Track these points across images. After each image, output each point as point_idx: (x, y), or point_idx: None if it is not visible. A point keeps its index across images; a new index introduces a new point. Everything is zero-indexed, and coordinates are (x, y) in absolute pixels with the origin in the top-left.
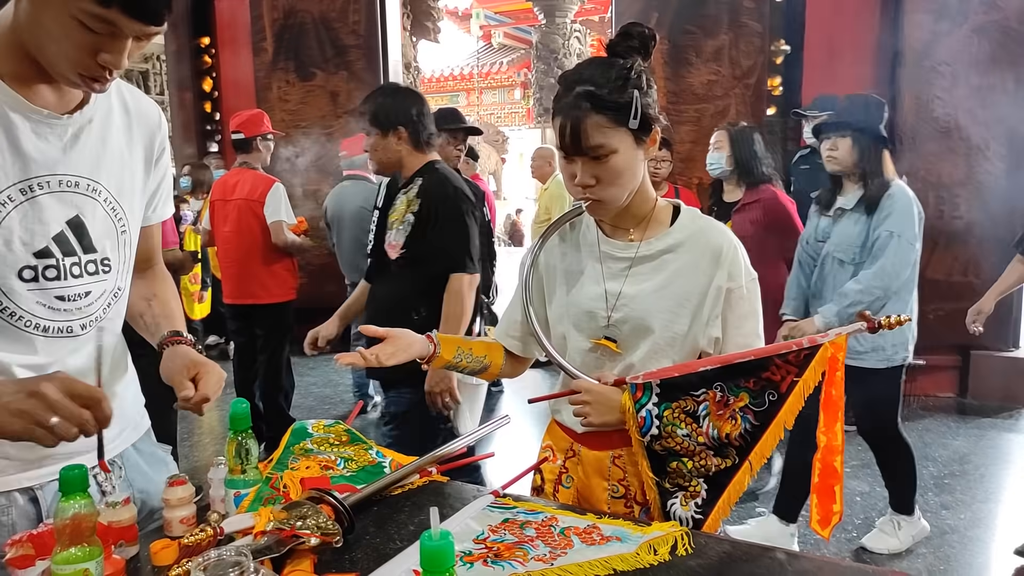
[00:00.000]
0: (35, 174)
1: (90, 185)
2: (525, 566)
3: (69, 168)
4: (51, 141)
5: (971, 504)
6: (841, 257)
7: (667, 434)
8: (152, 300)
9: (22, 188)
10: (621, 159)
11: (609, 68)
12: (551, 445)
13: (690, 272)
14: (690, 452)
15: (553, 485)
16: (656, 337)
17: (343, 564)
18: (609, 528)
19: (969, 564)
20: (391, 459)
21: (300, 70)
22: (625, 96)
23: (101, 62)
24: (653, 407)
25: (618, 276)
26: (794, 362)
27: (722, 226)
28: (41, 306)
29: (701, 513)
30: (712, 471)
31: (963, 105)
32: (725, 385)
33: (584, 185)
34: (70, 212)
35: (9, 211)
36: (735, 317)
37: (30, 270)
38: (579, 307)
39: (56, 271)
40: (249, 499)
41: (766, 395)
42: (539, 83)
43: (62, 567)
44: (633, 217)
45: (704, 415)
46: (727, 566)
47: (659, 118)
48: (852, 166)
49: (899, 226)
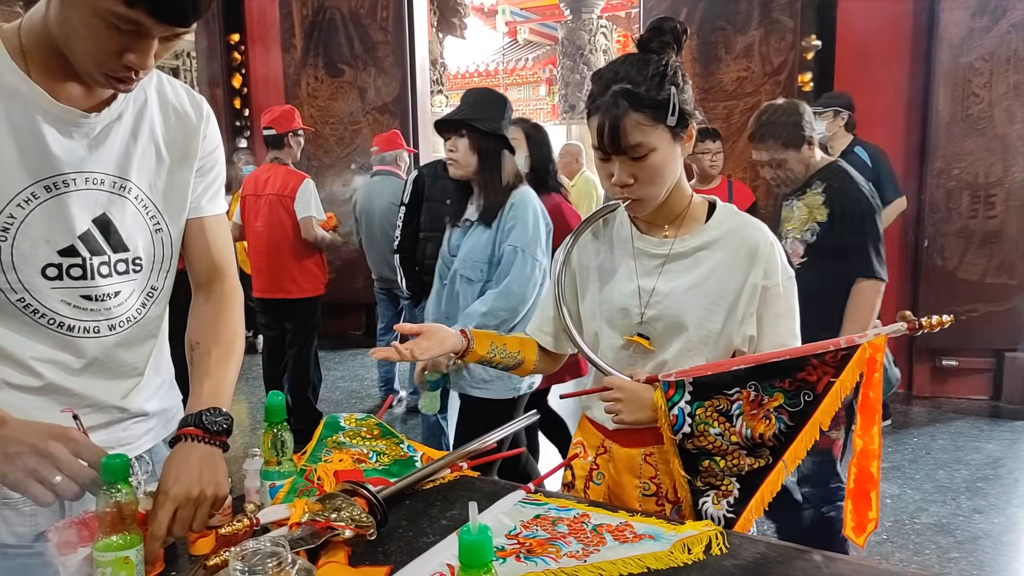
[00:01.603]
0: (60, 171)
1: (117, 183)
2: (558, 562)
3: (96, 166)
4: (76, 139)
5: (1005, 509)
6: (468, 275)
7: (699, 433)
8: (195, 348)
9: (47, 185)
10: (660, 157)
11: (645, 65)
12: (582, 441)
13: (725, 269)
14: (722, 451)
15: (584, 481)
16: (690, 335)
17: (376, 556)
18: (642, 526)
19: (1004, 570)
20: (422, 453)
21: (329, 66)
22: (663, 93)
23: (127, 62)
24: (686, 405)
25: (652, 273)
26: (831, 363)
27: (759, 223)
28: (66, 305)
29: (733, 512)
30: (745, 471)
31: (1000, 103)
32: (759, 385)
33: (622, 184)
34: (96, 210)
35: (33, 208)
36: (771, 316)
37: (54, 268)
38: (612, 304)
39: (82, 270)
40: (284, 490)
41: (801, 395)
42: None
43: (103, 554)
44: (668, 214)
45: (738, 414)
46: (762, 567)
47: (695, 113)
48: (474, 171)
49: (522, 240)
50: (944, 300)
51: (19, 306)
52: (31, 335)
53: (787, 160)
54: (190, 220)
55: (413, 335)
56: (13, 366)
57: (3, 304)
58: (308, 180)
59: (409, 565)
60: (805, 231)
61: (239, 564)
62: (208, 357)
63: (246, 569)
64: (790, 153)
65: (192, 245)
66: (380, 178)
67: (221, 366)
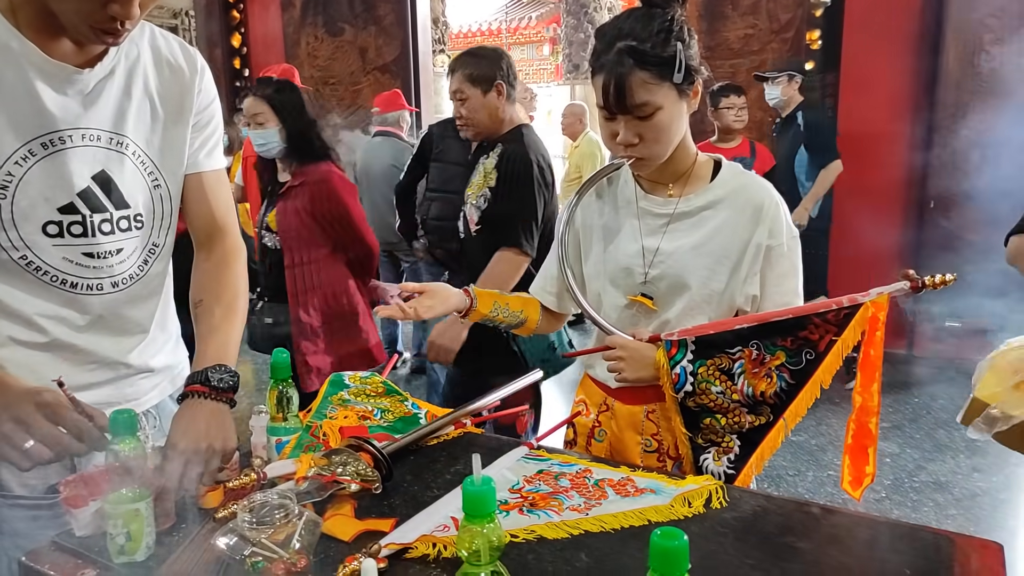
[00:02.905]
0: (55, 128)
1: (113, 139)
2: (560, 515)
3: (91, 122)
4: (71, 95)
5: (1003, 468)
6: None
7: (701, 391)
8: (198, 306)
9: (43, 142)
10: (665, 115)
11: (650, 20)
12: (584, 399)
13: (729, 229)
14: (724, 409)
15: (586, 439)
16: (693, 294)
17: (382, 510)
18: (643, 481)
19: (1000, 526)
20: (426, 410)
21: (329, 25)
22: (668, 50)
23: (112, 13)
24: (688, 364)
25: (656, 232)
26: (833, 321)
27: (764, 182)
28: (68, 262)
29: (733, 468)
30: (745, 428)
31: (1011, 60)
32: (761, 343)
33: (627, 144)
34: (95, 167)
35: (31, 166)
36: (775, 275)
37: (54, 225)
38: (616, 263)
39: (82, 227)
40: (290, 446)
41: (803, 354)
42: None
43: (115, 506)
44: (673, 173)
45: (739, 372)
46: (761, 519)
47: (701, 69)
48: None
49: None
50: (948, 260)
51: (21, 263)
52: (35, 292)
53: (470, 98)
54: (188, 176)
55: (417, 294)
56: (18, 322)
57: (5, 262)
58: None
59: (414, 518)
60: (480, 197)
61: (247, 516)
62: (211, 315)
63: (254, 520)
64: (475, 91)
65: (191, 201)
66: (381, 139)
67: (225, 323)
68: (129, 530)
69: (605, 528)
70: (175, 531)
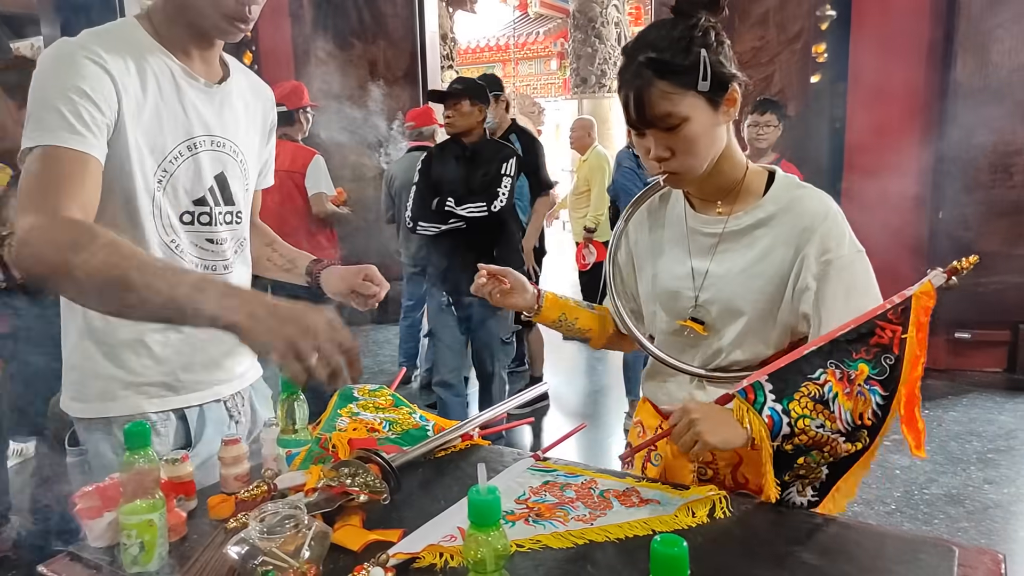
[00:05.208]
0: (197, 133)
1: (230, 146)
2: (566, 525)
3: (219, 131)
4: (207, 107)
5: (1015, 479)
6: None
7: (800, 430)
8: (273, 244)
9: (189, 145)
10: (695, 126)
11: (672, 29)
12: (641, 420)
13: (781, 248)
14: (820, 444)
15: (642, 462)
16: (747, 320)
17: (391, 521)
18: (648, 491)
19: (1012, 539)
20: (434, 423)
21: (338, 40)
22: (691, 57)
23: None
24: (775, 404)
25: (705, 253)
26: (895, 320)
27: (821, 193)
28: (195, 246)
29: (818, 496)
30: (840, 456)
31: (1021, 70)
32: (839, 361)
33: (659, 159)
34: (217, 168)
35: (181, 163)
36: (841, 290)
37: (188, 215)
38: (664, 286)
39: (208, 217)
40: (300, 458)
41: (883, 360)
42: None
43: (129, 517)
44: (720, 188)
45: (832, 397)
46: (765, 529)
47: (737, 75)
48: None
49: None
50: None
51: (172, 247)
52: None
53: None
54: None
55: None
56: None
57: (160, 244)
58: (318, 156)
59: (421, 528)
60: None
61: (258, 526)
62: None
63: (265, 531)
64: None
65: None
66: (419, 153)
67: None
68: (142, 540)
69: (610, 538)
70: (187, 541)
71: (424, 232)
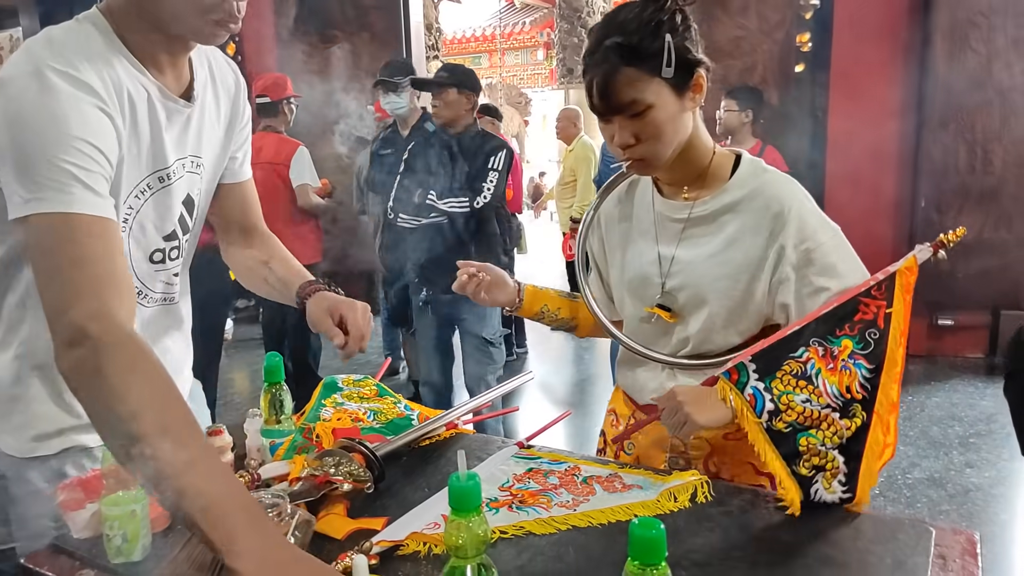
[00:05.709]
0: (168, 162)
1: (196, 162)
2: (549, 511)
3: (187, 149)
4: (178, 126)
5: (996, 463)
6: None
7: (785, 405)
8: (270, 261)
9: (160, 176)
10: (661, 113)
11: (641, 11)
12: (615, 409)
13: (750, 233)
14: (816, 420)
15: (615, 450)
16: (713, 307)
17: (375, 509)
18: (631, 477)
19: (992, 521)
20: (418, 412)
21: (322, 32)
22: (657, 42)
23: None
24: (757, 382)
25: (672, 239)
26: (879, 296)
27: (788, 178)
28: (162, 283)
29: (848, 490)
30: (845, 438)
31: (999, 57)
32: (822, 340)
33: (624, 145)
34: (184, 192)
35: (147, 199)
36: (826, 271)
37: (159, 252)
38: (633, 271)
39: (177, 251)
40: (284, 448)
41: (867, 335)
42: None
43: (111, 508)
44: (688, 173)
45: (815, 373)
46: (747, 513)
47: (702, 60)
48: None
49: None
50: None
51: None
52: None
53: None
54: (232, 185)
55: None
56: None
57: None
58: (302, 148)
59: (405, 516)
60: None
61: None
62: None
63: None
64: None
65: (234, 207)
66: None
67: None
68: (126, 531)
69: (593, 523)
70: (171, 531)
71: (404, 224)
